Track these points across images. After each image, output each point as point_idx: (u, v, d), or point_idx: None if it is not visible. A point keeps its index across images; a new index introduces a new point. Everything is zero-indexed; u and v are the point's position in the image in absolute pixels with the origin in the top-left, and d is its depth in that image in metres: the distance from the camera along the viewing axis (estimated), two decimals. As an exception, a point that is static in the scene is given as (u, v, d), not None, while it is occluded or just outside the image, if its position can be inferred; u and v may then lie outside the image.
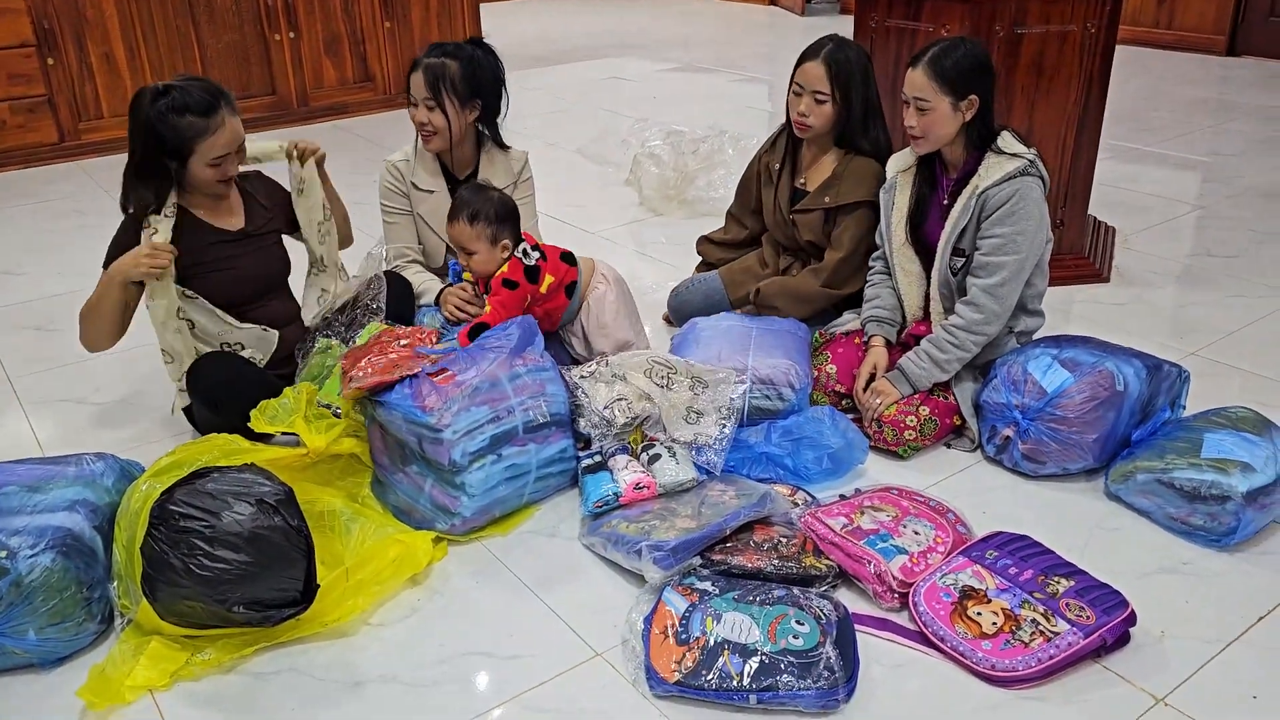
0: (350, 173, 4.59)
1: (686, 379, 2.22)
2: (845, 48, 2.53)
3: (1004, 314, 2.28)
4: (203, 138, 2.19)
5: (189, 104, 2.17)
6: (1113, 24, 2.93)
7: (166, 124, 2.17)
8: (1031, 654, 1.68)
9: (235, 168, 2.30)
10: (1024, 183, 2.21)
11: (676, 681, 1.65)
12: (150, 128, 2.18)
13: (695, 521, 1.95)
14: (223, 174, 2.27)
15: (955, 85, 2.20)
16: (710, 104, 5.70)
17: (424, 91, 2.52)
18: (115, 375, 2.83)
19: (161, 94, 2.18)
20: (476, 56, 2.56)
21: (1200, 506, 1.98)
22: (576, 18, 9.11)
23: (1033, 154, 2.26)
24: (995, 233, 2.23)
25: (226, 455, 1.94)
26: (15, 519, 1.77)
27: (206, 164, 2.22)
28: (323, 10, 5.45)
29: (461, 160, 2.68)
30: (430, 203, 2.66)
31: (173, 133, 2.18)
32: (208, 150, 2.21)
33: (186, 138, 2.18)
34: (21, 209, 4.32)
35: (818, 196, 2.63)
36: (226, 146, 2.23)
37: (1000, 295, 2.25)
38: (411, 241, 2.70)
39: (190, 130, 2.18)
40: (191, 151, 2.20)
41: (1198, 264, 3.37)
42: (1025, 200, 2.21)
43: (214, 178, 2.26)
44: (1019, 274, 2.25)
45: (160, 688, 1.73)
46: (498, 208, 2.40)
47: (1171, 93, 5.63)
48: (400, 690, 1.72)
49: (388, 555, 1.94)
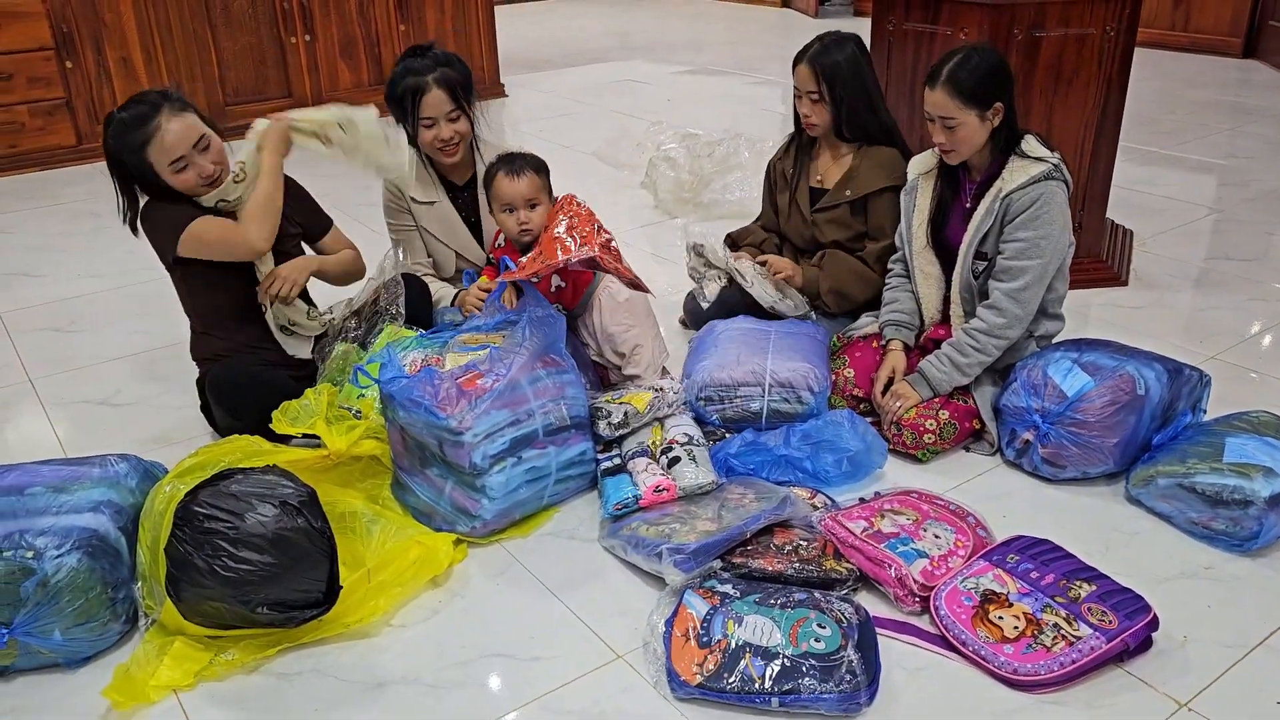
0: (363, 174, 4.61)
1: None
2: (830, 49, 2.54)
3: (1026, 318, 2.28)
4: (149, 144, 2.19)
5: (126, 123, 2.19)
6: (1131, 27, 2.92)
7: (117, 149, 2.21)
8: (1054, 658, 1.68)
9: (210, 165, 2.25)
10: (1048, 187, 2.21)
11: (698, 684, 1.65)
12: (110, 160, 2.24)
13: (715, 524, 1.95)
14: (198, 175, 2.24)
15: (978, 96, 2.20)
16: (725, 106, 5.71)
17: (447, 105, 2.50)
18: (135, 376, 2.85)
19: (108, 124, 2.22)
20: (451, 60, 2.56)
21: (1222, 511, 1.98)
22: (589, 20, 9.12)
23: (1057, 158, 2.26)
24: (1019, 236, 2.23)
25: (249, 456, 1.95)
26: (41, 519, 1.78)
27: (171, 172, 2.21)
28: (338, 13, 5.47)
29: (461, 166, 2.66)
30: (432, 214, 2.65)
31: (126, 154, 2.21)
32: (160, 156, 2.20)
33: (136, 151, 2.19)
34: (40, 211, 4.35)
35: (838, 192, 2.64)
36: (175, 148, 2.20)
37: (1023, 299, 2.25)
38: (420, 256, 2.70)
39: (136, 142, 2.19)
40: (150, 165, 2.21)
41: (1216, 267, 3.36)
42: (1049, 204, 2.21)
43: (188, 183, 2.24)
44: (1042, 278, 2.25)
45: (184, 688, 1.74)
46: (543, 161, 2.45)
47: (1188, 95, 5.61)
48: (422, 691, 1.73)
49: (409, 557, 1.95)
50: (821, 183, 2.71)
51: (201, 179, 2.25)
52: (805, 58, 2.56)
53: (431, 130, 2.53)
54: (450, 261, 2.72)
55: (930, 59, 3.01)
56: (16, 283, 3.56)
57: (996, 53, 2.26)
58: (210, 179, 2.27)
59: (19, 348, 3.06)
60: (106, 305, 3.35)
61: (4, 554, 1.70)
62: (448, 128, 2.53)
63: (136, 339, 3.05)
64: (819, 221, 2.69)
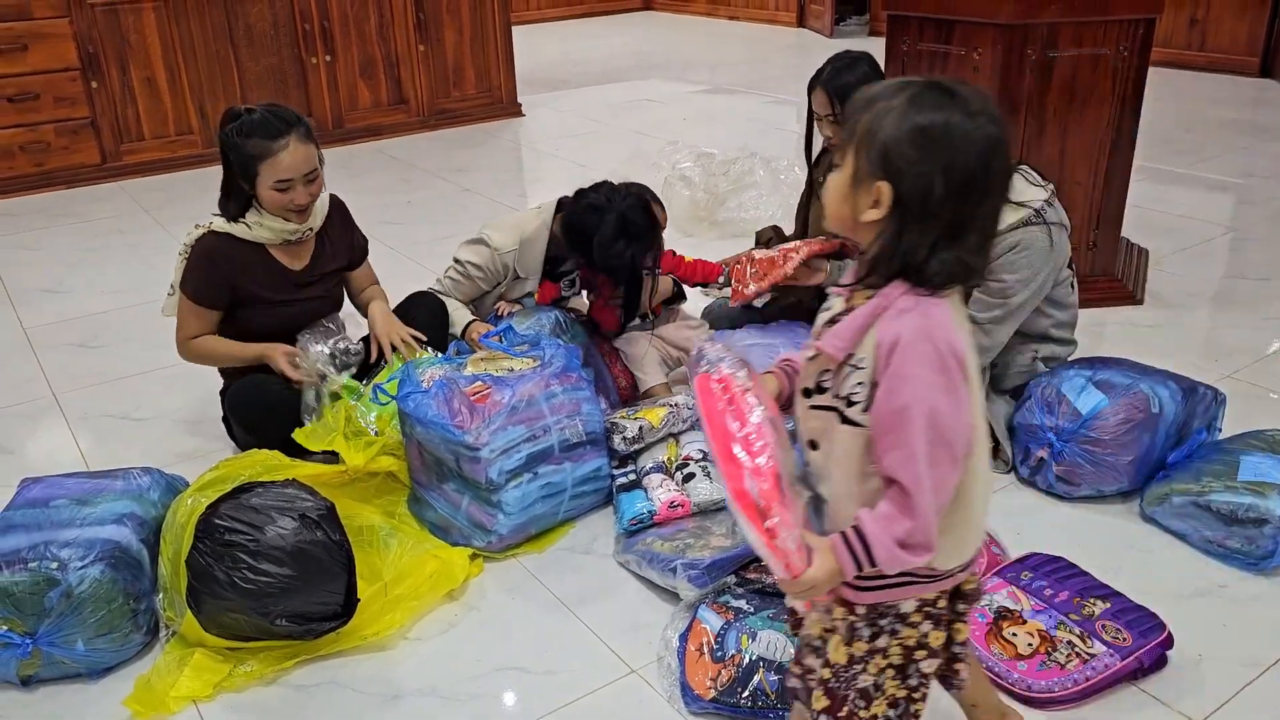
0: (382, 192, 4.67)
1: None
2: (843, 71, 2.56)
3: (992, 348, 2.27)
4: (265, 159, 2.23)
5: (254, 127, 2.23)
6: (1145, 47, 2.93)
7: (233, 146, 2.24)
8: (1068, 675, 1.68)
9: (306, 198, 2.30)
10: (1026, 234, 2.18)
11: (712, 699, 1.66)
12: (222, 148, 2.27)
13: (730, 540, 1.96)
14: (291, 201, 2.28)
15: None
16: (740, 125, 5.74)
17: None
18: (157, 392, 2.89)
19: (235, 117, 2.26)
20: None
21: (1237, 530, 1.97)
22: (605, 40, 9.19)
23: (1043, 197, 2.21)
24: (997, 278, 2.22)
25: (268, 470, 1.98)
26: (65, 531, 1.81)
27: (270, 187, 2.26)
28: (358, 34, 5.54)
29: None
30: (521, 287, 2.62)
31: (238, 154, 2.24)
32: (270, 173, 2.24)
33: (250, 158, 2.23)
34: (65, 228, 4.41)
35: None
36: (290, 171, 2.24)
37: (989, 331, 2.24)
38: (467, 298, 2.66)
39: (255, 150, 2.23)
40: (257, 173, 2.25)
41: (1232, 286, 3.35)
42: (1027, 250, 2.18)
43: (281, 203, 2.28)
44: (1012, 315, 2.23)
45: (204, 698, 1.76)
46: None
47: (1204, 114, 5.60)
48: (438, 704, 1.75)
49: (425, 571, 1.97)
50: None
51: (294, 205, 2.29)
52: (820, 82, 2.59)
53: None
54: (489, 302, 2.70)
55: (944, 79, 3.03)
56: (43, 299, 3.62)
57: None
58: (300, 209, 2.31)
59: (44, 363, 3.11)
60: (130, 321, 3.40)
61: (29, 565, 1.74)
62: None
63: (159, 354, 3.08)
64: None
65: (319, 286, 2.46)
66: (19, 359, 3.15)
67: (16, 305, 3.57)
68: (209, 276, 2.30)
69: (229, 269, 2.31)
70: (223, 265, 2.30)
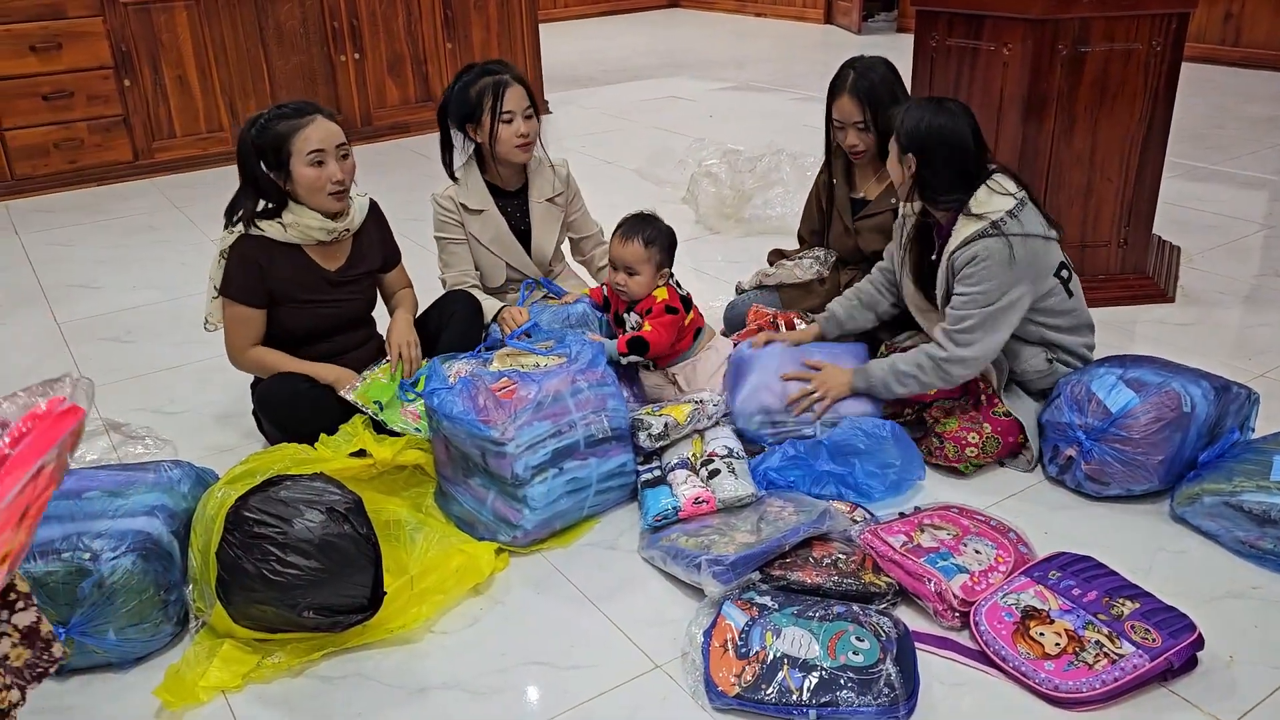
0: (408, 189, 4.70)
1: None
2: (867, 73, 2.56)
3: (974, 360, 2.22)
4: (297, 133, 2.26)
5: (278, 116, 2.29)
6: (1178, 42, 2.90)
7: (264, 133, 2.28)
8: (1095, 676, 1.66)
9: (340, 174, 2.31)
10: (985, 244, 2.16)
11: (736, 695, 1.66)
12: (250, 145, 2.29)
13: (755, 537, 1.96)
14: (328, 175, 2.29)
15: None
16: (766, 123, 5.72)
17: (525, 102, 2.59)
18: (189, 387, 2.92)
19: (255, 120, 2.31)
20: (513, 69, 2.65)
21: (1270, 530, 1.95)
22: (632, 38, 9.19)
23: (1007, 208, 2.17)
24: (960, 290, 2.21)
25: (297, 464, 2.00)
26: (98, 523, 1.83)
27: (305, 162, 2.27)
28: (386, 32, 5.58)
29: (511, 174, 2.72)
30: (481, 221, 2.69)
31: (270, 138, 2.27)
32: (303, 144, 2.26)
33: (282, 136, 2.26)
34: (98, 225, 4.47)
35: (883, 200, 2.66)
36: (321, 141, 2.27)
37: (961, 340, 2.21)
38: (469, 266, 2.72)
39: (285, 129, 2.26)
40: (290, 152, 2.27)
41: (1266, 284, 3.31)
42: (986, 261, 2.16)
43: (318, 181, 2.29)
44: (989, 322, 2.19)
45: (232, 689, 1.78)
46: (670, 238, 2.49)
47: (1238, 110, 5.52)
48: (463, 697, 1.76)
49: (451, 565, 1.98)
50: (865, 195, 2.73)
51: (331, 182, 2.30)
52: (845, 89, 2.58)
53: (511, 125, 2.59)
54: (497, 269, 2.74)
55: (973, 74, 3.02)
56: (76, 294, 3.67)
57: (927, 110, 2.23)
58: (338, 187, 2.32)
59: (77, 357, 3.15)
60: (162, 317, 3.44)
61: (63, 555, 1.76)
62: (525, 123, 2.60)
63: (190, 349, 3.12)
64: (861, 230, 2.71)
65: (353, 287, 2.47)
66: (53, 354, 3.19)
67: (51, 301, 3.62)
68: (247, 275, 2.33)
69: (265, 268, 2.33)
70: (260, 264, 2.32)
